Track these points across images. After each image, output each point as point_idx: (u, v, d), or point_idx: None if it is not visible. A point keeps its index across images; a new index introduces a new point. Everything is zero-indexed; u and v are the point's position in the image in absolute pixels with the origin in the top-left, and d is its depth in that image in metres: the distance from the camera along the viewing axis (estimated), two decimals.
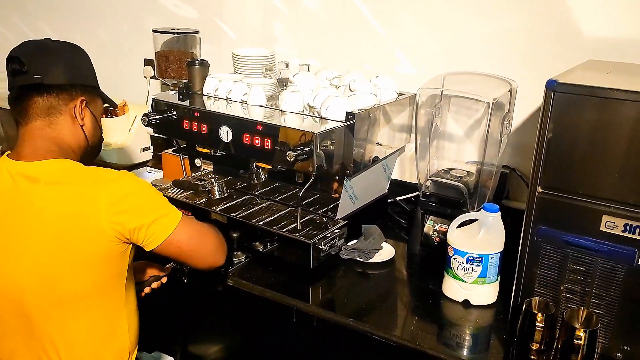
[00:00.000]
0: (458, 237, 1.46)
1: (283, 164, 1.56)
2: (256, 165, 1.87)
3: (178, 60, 2.18)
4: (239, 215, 1.72)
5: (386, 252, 1.69)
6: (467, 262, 1.43)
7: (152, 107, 1.79)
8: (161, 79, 2.28)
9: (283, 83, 1.84)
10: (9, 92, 1.32)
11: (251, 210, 1.77)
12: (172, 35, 2.21)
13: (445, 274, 1.50)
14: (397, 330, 1.39)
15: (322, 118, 1.61)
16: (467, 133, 1.83)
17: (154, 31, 2.21)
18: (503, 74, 1.72)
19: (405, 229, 1.89)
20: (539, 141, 1.23)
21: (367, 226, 1.75)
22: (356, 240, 1.72)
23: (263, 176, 1.92)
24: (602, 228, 1.21)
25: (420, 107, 1.73)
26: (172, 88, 2.02)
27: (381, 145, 1.78)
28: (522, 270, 1.33)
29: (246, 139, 1.59)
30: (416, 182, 1.79)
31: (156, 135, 2.13)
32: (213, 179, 1.89)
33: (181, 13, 2.41)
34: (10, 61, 1.29)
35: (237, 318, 1.67)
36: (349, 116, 1.57)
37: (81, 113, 1.34)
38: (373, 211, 1.86)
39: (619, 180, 1.17)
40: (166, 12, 2.44)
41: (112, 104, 1.48)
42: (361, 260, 1.65)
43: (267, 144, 1.55)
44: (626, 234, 1.19)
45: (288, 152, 1.46)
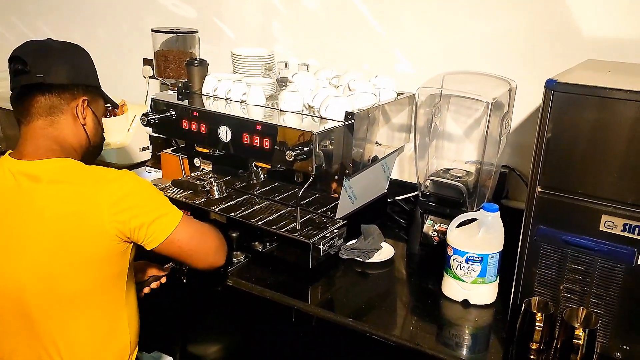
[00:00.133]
0: (457, 237, 1.46)
1: (282, 164, 1.56)
2: (255, 165, 1.87)
3: (177, 59, 2.18)
4: (238, 215, 1.72)
5: (385, 252, 1.69)
6: (467, 262, 1.43)
7: (151, 107, 1.79)
8: (160, 79, 2.28)
9: (282, 83, 1.84)
10: (11, 92, 1.32)
11: (250, 210, 1.76)
12: (171, 34, 2.20)
13: (444, 274, 1.50)
14: (397, 330, 1.39)
15: (322, 118, 1.61)
16: (467, 133, 1.83)
17: (153, 31, 2.21)
18: (502, 74, 1.72)
19: (404, 229, 1.89)
20: (538, 141, 1.23)
21: (367, 226, 1.75)
22: (355, 240, 1.72)
23: (262, 176, 1.92)
24: (602, 228, 1.21)
25: (419, 107, 1.73)
26: (171, 88, 2.02)
27: (380, 145, 1.78)
28: (522, 269, 1.33)
29: (245, 139, 1.59)
30: (415, 182, 1.79)
31: (155, 135, 2.13)
32: (212, 179, 1.89)
33: (180, 13, 2.41)
34: (12, 61, 1.29)
35: (237, 318, 1.67)
36: (348, 116, 1.57)
37: (83, 112, 1.35)
38: (372, 211, 1.86)
39: (619, 179, 1.17)
40: (165, 12, 2.44)
41: (114, 104, 1.49)
42: (360, 260, 1.65)
43: (267, 144, 1.55)
44: (625, 234, 1.19)
45: (287, 152, 1.45)
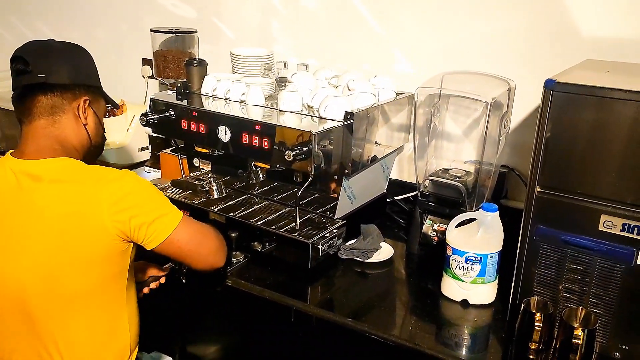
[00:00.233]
0: (457, 237, 1.46)
1: (281, 164, 1.56)
2: (255, 165, 1.86)
3: (176, 59, 2.18)
4: (238, 215, 1.72)
5: (385, 252, 1.69)
6: (466, 262, 1.43)
7: (150, 107, 1.79)
8: (159, 79, 2.28)
9: (281, 83, 1.84)
10: (13, 92, 1.32)
11: (250, 210, 1.76)
12: (171, 34, 2.20)
13: (443, 274, 1.50)
14: (396, 330, 1.39)
15: (321, 118, 1.60)
16: (466, 132, 1.83)
17: (152, 31, 2.21)
18: (501, 74, 1.72)
19: (403, 229, 1.89)
20: (538, 141, 1.23)
21: (366, 226, 1.75)
22: (355, 239, 1.72)
23: (261, 176, 1.92)
24: (601, 227, 1.21)
25: (418, 107, 1.73)
26: (171, 88, 2.01)
27: (380, 144, 1.78)
28: (521, 269, 1.33)
29: (244, 139, 1.59)
30: (415, 182, 1.79)
31: (154, 135, 2.13)
32: (211, 179, 1.89)
33: (179, 12, 2.41)
34: (14, 61, 1.30)
35: (236, 318, 1.67)
36: (348, 116, 1.57)
37: (84, 112, 1.35)
38: (371, 211, 1.86)
39: (618, 179, 1.17)
40: (164, 12, 2.44)
41: (115, 105, 1.50)
42: (360, 260, 1.65)
43: (266, 144, 1.55)
44: (625, 234, 1.19)
45: (286, 152, 1.45)
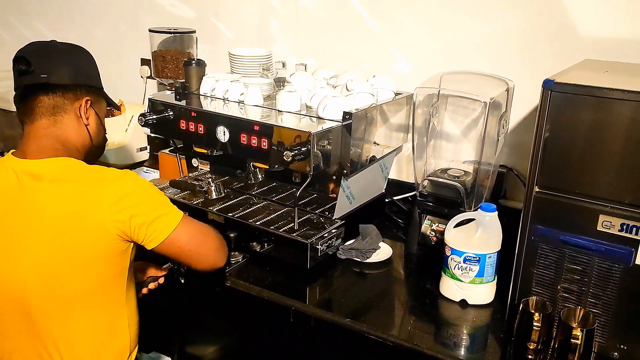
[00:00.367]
0: (455, 237, 1.46)
1: (280, 164, 1.56)
2: (253, 165, 1.87)
3: (175, 60, 2.18)
4: (236, 215, 1.72)
5: (383, 252, 1.69)
6: (465, 262, 1.43)
7: (149, 107, 1.79)
8: (158, 79, 2.27)
9: (280, 83, 1.84)
10: (15, 92, 1.33)
11: (248, 210, 1.76)
12: (169, 34, 2.20)
13: (442, 274, 1.50)
14: (395, 330, 1.39)
15: (319, 118, 1.60)
16: (464, 132, 1.83)
17: (151, 31, 2.21)
18: (500, 74, 1.72)
19: (402, 229, 1.89)
20: (536, 141, 1.23)
21: (365, 226, 1.75)
22: (353, 240, 1.72)
23: (260, 176, 1.92)
24: (599, 227, 1.21)
25: (417, 107, 1.73)
26: (169, 88, 2.01)
27: (378, 144, 1.78)
28: (519, 269, 1.33)
29: (243, 139, 1.59)
30: (413, 182, 1.79)
31: (153, 135, 2.12)
32: (210, 179, 1.89)
33: (178, 12, 2.41)
34: (16, 61, 1.30)
35: (235, 318, 1.67)
36: (346, 116, 1.57)
37: (86, 113, 1.36)
38: (370, 211, 1.86)
39: (616, 179, 1.17)
40: (163, 12, 2.44)
41: (115, 106, 1.51)
42: (358, 260, 1.65)
43: (264, 144, 1.55)
44: (623, 234, 1.19)
45: (285, 152, 1.45)
